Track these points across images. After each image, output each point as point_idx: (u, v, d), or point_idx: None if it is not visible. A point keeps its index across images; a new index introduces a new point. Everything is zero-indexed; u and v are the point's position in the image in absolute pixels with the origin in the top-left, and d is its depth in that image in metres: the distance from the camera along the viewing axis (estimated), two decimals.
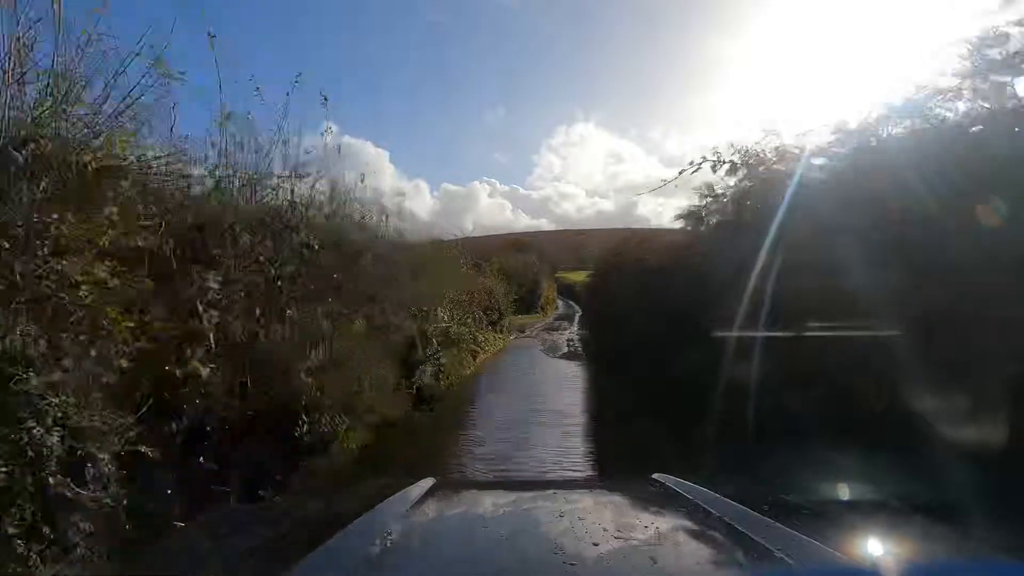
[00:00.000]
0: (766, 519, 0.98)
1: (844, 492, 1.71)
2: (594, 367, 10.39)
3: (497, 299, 15.82)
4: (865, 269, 3.26)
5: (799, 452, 2.83)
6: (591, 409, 7.07)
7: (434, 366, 7.89)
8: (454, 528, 1.18)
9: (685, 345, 5.27)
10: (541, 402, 7.55)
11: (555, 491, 1.42)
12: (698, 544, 1.00)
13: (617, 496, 1.39)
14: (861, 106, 4.17)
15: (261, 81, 5.13)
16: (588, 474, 4.63)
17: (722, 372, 4.41)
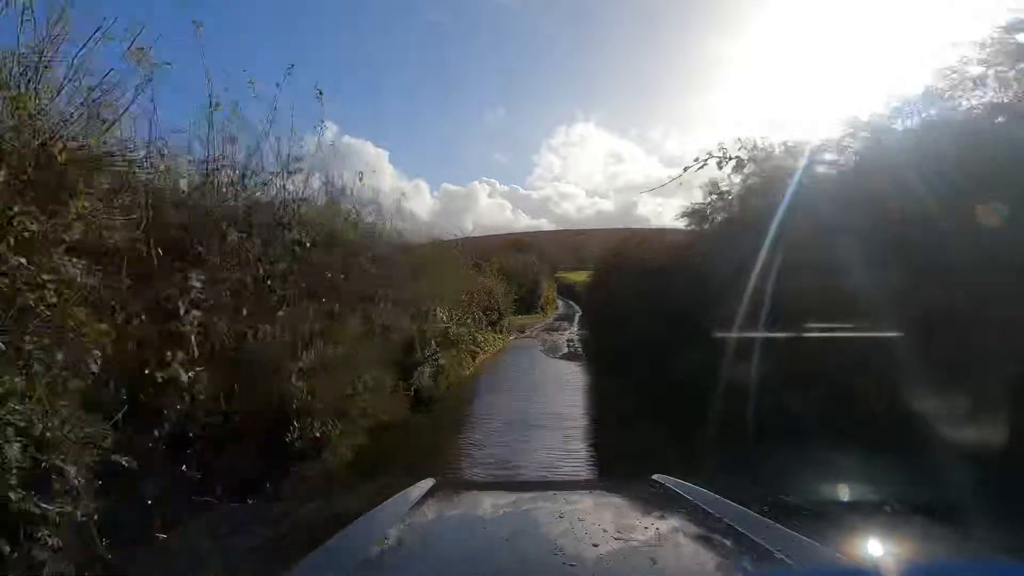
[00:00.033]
0: (766, 520, 0.98)
1: (844, 493, 1.75)
2: (595, 368, 10.31)
3: (497, 299, 15.74)
4: (879, 268, 3.15)
5: (799, 453, 2.81)
6: (592, 411, 6.98)
7: (432, 367, 7.78)
8: (454, 529, 1.17)
9: (686, 345, 5.26)
10: (541, 404, 7.44)
11: (555, 492, 1.41)
12: (698, 545, 0.99)
13: (617, 497, 1.38)
14: (866, 103, 4.07)
15: (260, 81, 4.97)
16: (588, 477, 4.53)
17: (723, 373, 4.35)
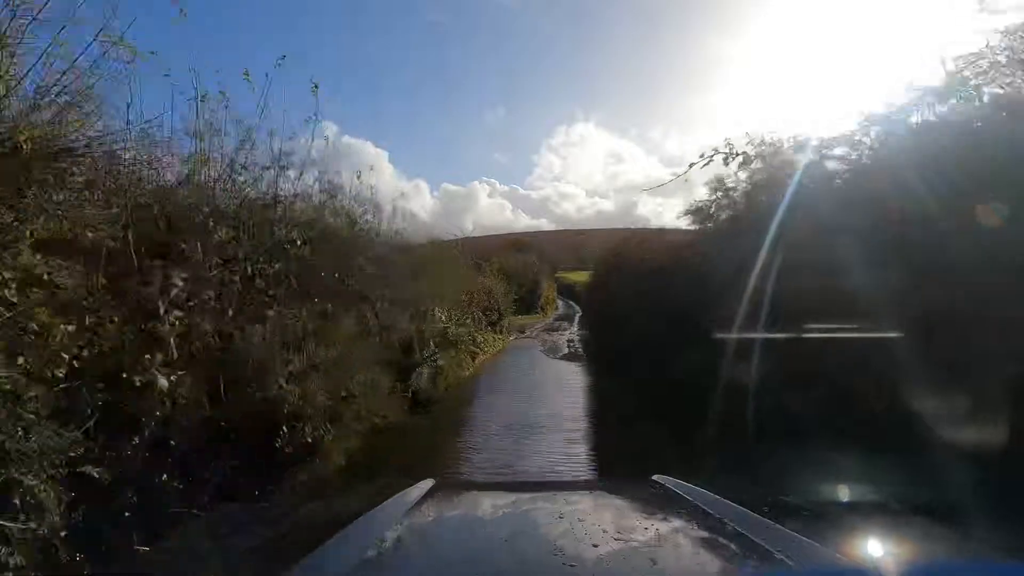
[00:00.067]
0: (766, 520, 0.97)
1: (844, 493, 1.74)
2: (595, 368, 10.18)
3: (496, 299, 15.60)
4: (896, 268, 3.01)
5: (799, 453, 2.79)
6: (592, 412, 6.89)
7: (431, 368, 7.62)
8: (453, 529, 1.17)
9: (687, 346, 5.19)
10: (542, 405, 7.33)
11: (555, 492, 1.40)
12: (698, 546, 0.99)
13: (617, 497, 1.37)
14: (868, 101, 3.90)
15: (260, 81, 4.80)
16: (589, 478, 4.48)
17: (725, 373, 4.27)
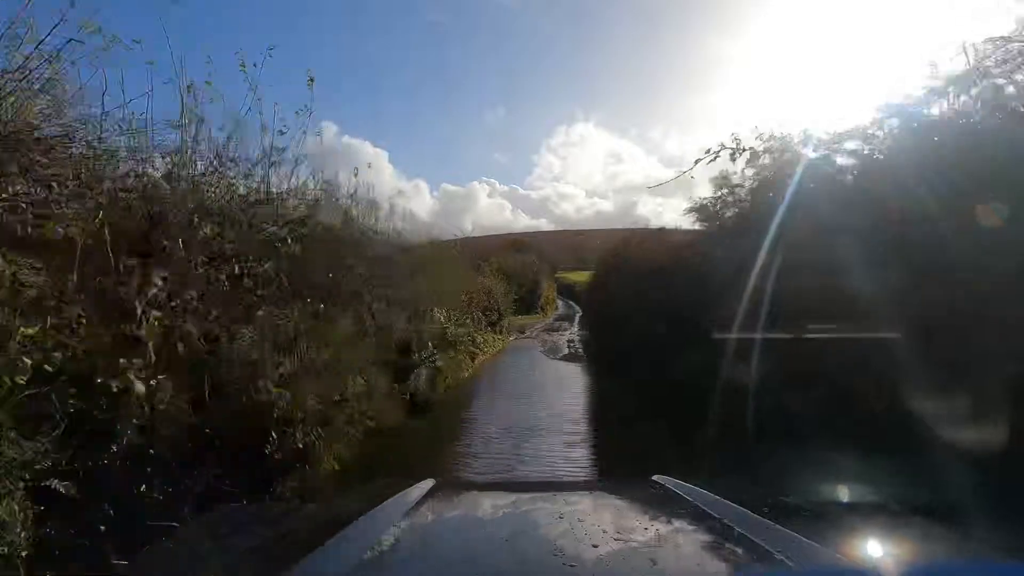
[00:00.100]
0: (766, 521, 0.97)
1: (844, 494, 1.74)
2: (596, 369, 10.10)
3: (496, 299, 15.53)
4: (911, 267, 2.88)
5: (799, 454, 2.78)
6: (593, 414, 6.81)
7: (429, 370, 7.51)
8: (454, 529, 1.17)
9: (689, 346, 5.14)
10: (542, 407, 7.24)
11: (555, 493, 1.39)
12: (698, 546, 0.99)
13: (617, 498, 1.36)
14: (871, 99, 3.77)
15: (260, 81, 4.68)
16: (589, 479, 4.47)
17: (729, 375, 4.24)
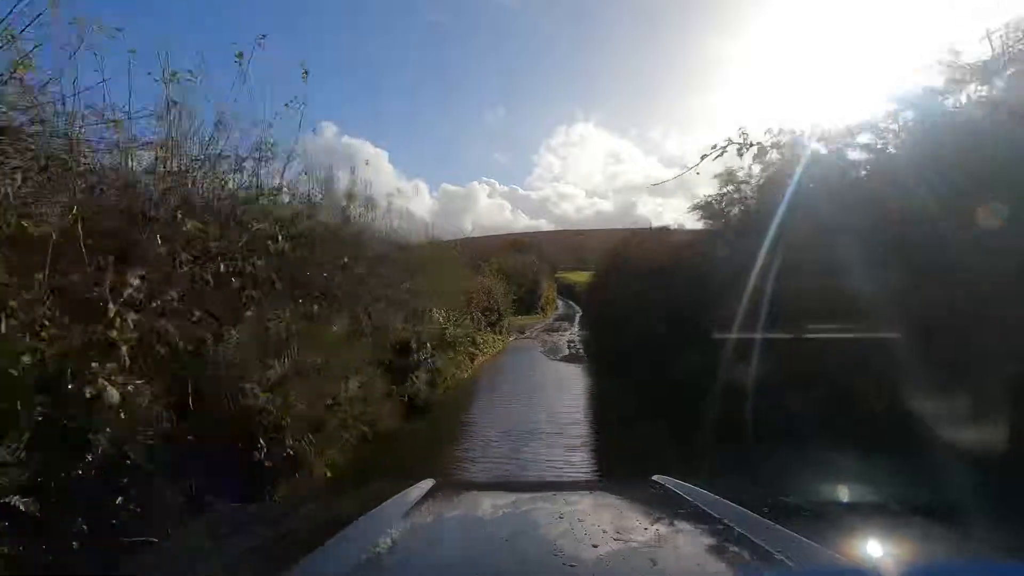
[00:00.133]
0: (766, 521, 0.97)
1: (844, 494, 1.74)
2: (596, 370, 10.09)
3: (496, 299, 15.52)
4: (925, 267, 2.83)
5: (799, 454, 2.78)
6: (594, 416, 6.78)
7: (428, 371, 7.48)
8: (454, 529, 1.17)
9: (690, 346, 5.07)
10: (542, 409, 7.20)
11: (554, 493, 1.39)
12: (698, 546, 0.99)
13: (617, 498, 1.36)
14: (873, 99, 3.70)
15: (259, 82, 4.60)
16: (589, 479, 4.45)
17: (733, 376, 4.20)
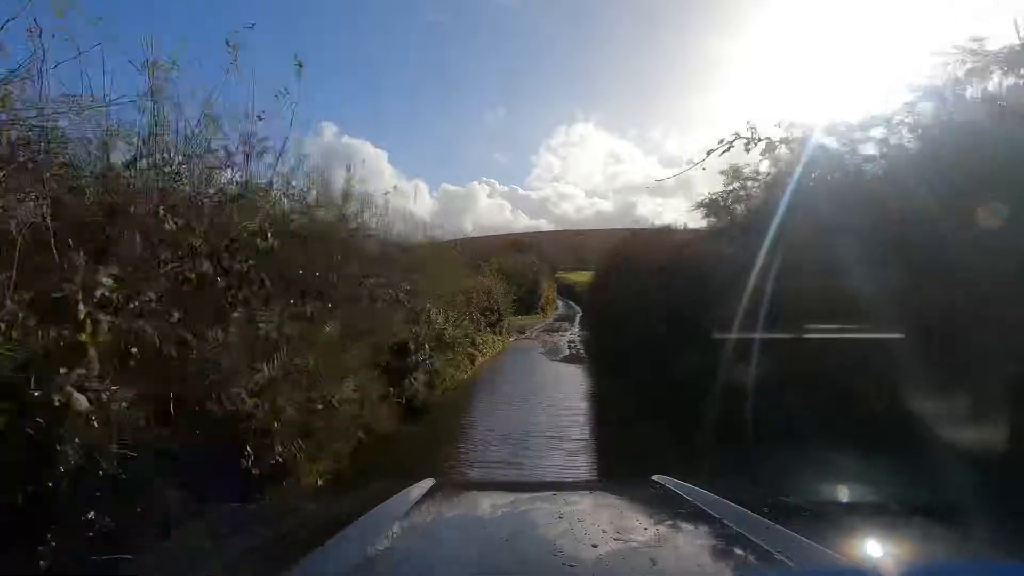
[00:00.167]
0: (766, 521, 0.97)
1: (844, 494, 1.74)
2: (598, 371, 10.03)
3: (496, 300, 15.47)
4: (944, 268, 2.75)
5: (799, 454, 2.79)
6: (595, 418, 6.72)
7: (426, 373, 7.41)
8: (453, 529, 1.17)
9: (692, 347, 5.02)
10: (542, 411, 7.12)
11: (554, 492, 1.39)
12: (698, 546, 0.99)
13: (616, 498, 1.36)
14: (874, 99, 3.61)
15: (255, 79, 4.53)
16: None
17: (737, 377, 4.13)
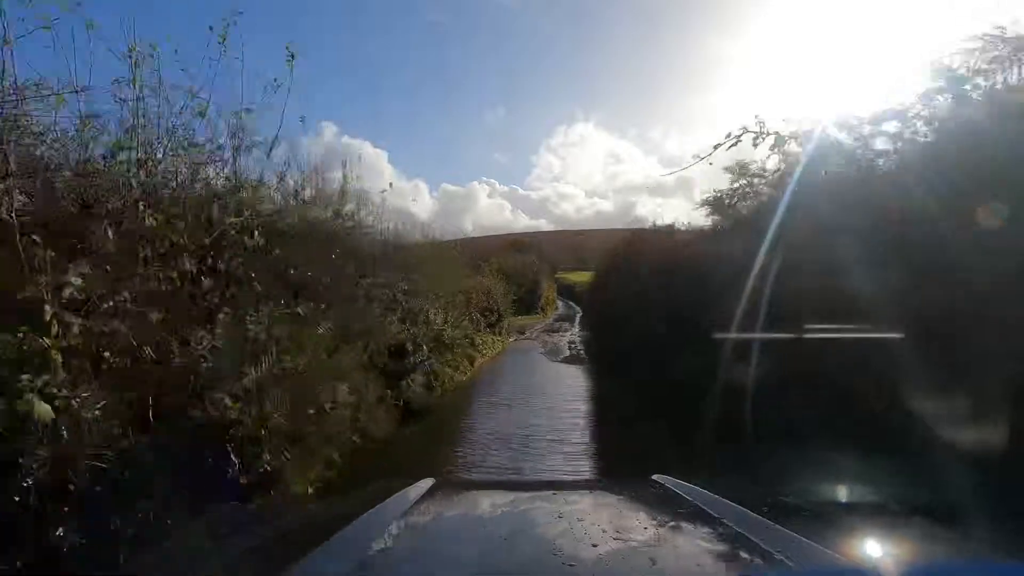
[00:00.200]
0: (766, 521, 0.97)
1: (844, 494, 1.73)
2: (599, 372, 9.95)
3: (496, 300, 15.38)
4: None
5: (799, 454, 2.78)
6: (597, 420, 6.62)
7: (424, 374, 7.29)
8: (453, 528, 1.16)
9: (693, 347, 4.99)
10: (543, 414, 7.00)
11: (554, 492, 1.39)
12: (697, 545, 0.98)
13: (616, 497, 1.36)
14: (875, 98, 3.53)
15: (257, 79, 4.38)
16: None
17: (740, 378, 4.08)
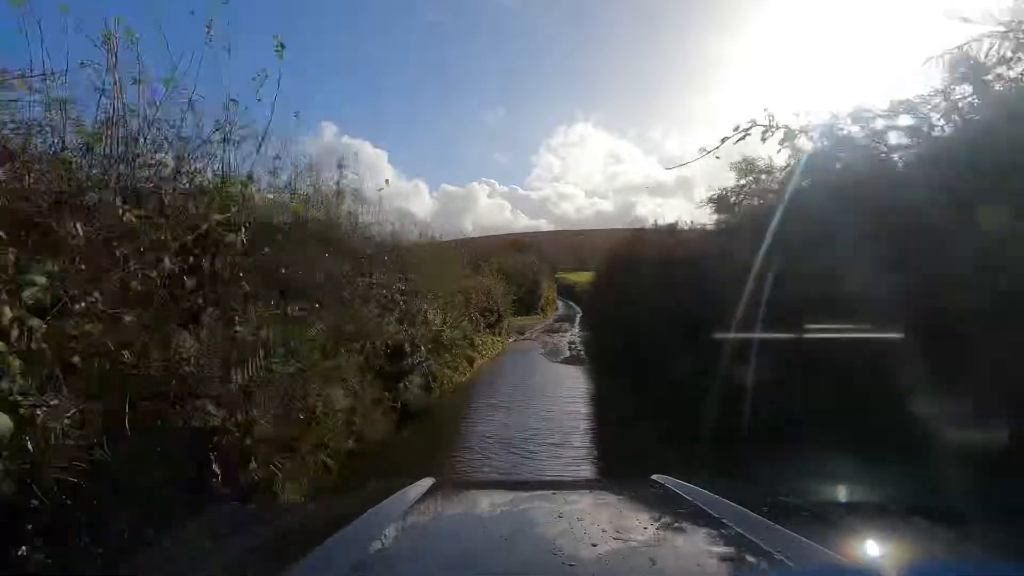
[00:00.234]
0: (766, 521, 0.97)
1: (844, 494, 1.74)
2: (599, 372, 9.91)
3: (495, 300, 15.33)
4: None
5: (799, 454, 2.78)
6: (598, 422, 6.58)
7: (423, 376, 7.22)
8: (453, 528, 1.16)
9: (694, 347, 4.96)
10: (544, 417, 6.92)
11: (554, 491, 1.39)
12: (697, 545, 0.98)
13: (616, 497, 1.36)
14: (875, 98, 3.45)
15: (250, 79, 4.11)
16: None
17: (744, 379, 4.05)
